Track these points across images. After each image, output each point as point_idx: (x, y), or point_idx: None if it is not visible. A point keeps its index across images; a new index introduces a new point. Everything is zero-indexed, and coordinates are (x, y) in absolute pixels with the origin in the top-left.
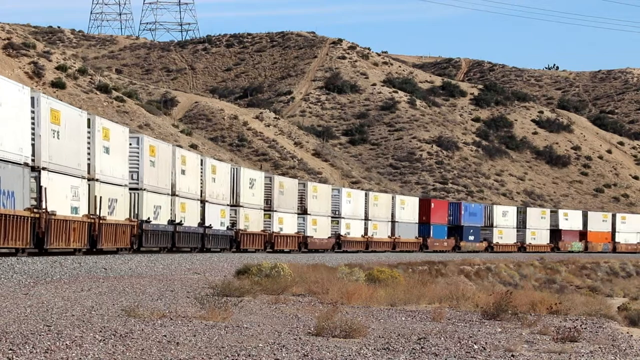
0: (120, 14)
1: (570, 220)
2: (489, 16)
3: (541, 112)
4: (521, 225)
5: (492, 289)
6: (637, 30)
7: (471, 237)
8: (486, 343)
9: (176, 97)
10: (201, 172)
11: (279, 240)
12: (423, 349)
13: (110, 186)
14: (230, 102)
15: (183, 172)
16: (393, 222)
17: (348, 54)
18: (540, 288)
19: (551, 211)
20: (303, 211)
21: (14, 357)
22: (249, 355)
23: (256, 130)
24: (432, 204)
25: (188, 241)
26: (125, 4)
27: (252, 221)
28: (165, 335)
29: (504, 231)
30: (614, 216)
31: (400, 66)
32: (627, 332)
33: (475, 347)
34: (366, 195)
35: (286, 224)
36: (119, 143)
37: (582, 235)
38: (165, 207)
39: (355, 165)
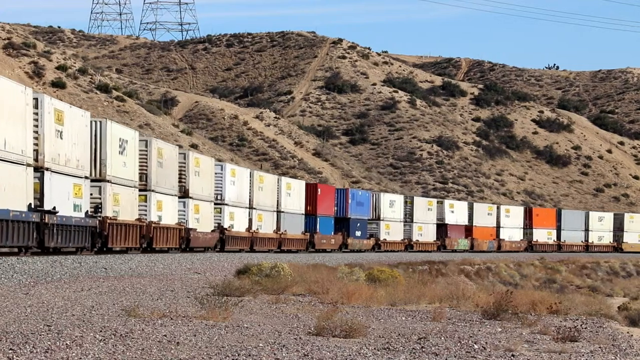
0: (120, 14)
1: (457, 213)
2: (489, 16)
3: (541, 111)
4: (408, 218)
5: (492, 289)
6: (637, 30)
7: (358, 233)
8: (486, 343)
9: (176, 97)
10: (35, 119)
11: (159, 234)
12: (423, 349)
13: None
14: (230, 101)
15: None
16: (279, 212)
17: (348, 53)
18: (540, 288)
19: (437, 201)
20: (184, 193)
21: (14, 356)
22: (249, 355)
23: (256, 130)
24: (319, 190)
25: (4, 237)
26: (125, 3)
27: (123, 205)
28: (165, 335)
29: (392, 226)
30: (498, 208)
31: (400, 66)
32: (627, 332)
33: (476, 346)
34: (251, 175)
35: (166, 210)
36: None
37: (468, 230)
38: None
39: (355, 165)
